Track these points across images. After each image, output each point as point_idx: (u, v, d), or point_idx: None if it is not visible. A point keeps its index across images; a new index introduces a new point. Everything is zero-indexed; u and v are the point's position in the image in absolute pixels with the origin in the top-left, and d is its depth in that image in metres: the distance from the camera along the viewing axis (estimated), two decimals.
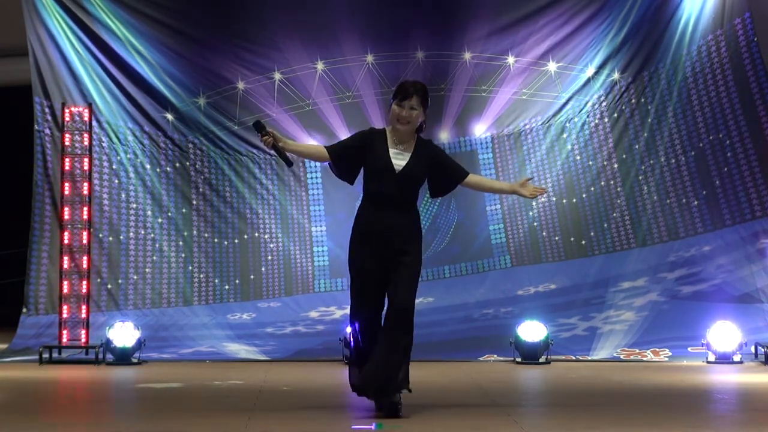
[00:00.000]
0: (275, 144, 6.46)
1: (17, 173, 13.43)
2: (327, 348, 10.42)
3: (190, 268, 11.60)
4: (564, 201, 11.78)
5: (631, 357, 10.27)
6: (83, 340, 10.16)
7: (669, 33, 11.58)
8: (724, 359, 9.84)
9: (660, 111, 11.63)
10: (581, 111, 11.84)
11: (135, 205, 11.55)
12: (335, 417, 6.54)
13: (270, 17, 11.70)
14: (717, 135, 11.33)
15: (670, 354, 10.28)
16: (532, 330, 9.93)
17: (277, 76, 11.81)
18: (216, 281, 11.62)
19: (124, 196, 11.53)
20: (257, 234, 11.78)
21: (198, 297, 11.55)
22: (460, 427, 6.14)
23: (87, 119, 10.48)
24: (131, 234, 11.49)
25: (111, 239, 11.40)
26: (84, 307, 10.23)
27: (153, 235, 11.56)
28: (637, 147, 11.70)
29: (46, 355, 9.97)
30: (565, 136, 11.86)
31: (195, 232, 11.68)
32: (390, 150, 6.49)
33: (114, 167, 11.51)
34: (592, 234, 11.68)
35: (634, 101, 11.73)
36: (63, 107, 10.58)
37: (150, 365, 9.81)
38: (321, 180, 11.82)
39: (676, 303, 10.99)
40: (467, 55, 11.80)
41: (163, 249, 11.57)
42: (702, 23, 11.40)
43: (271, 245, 11.78)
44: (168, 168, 11.70)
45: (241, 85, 11.78)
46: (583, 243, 11.68)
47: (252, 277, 11.69)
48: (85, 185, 10.44)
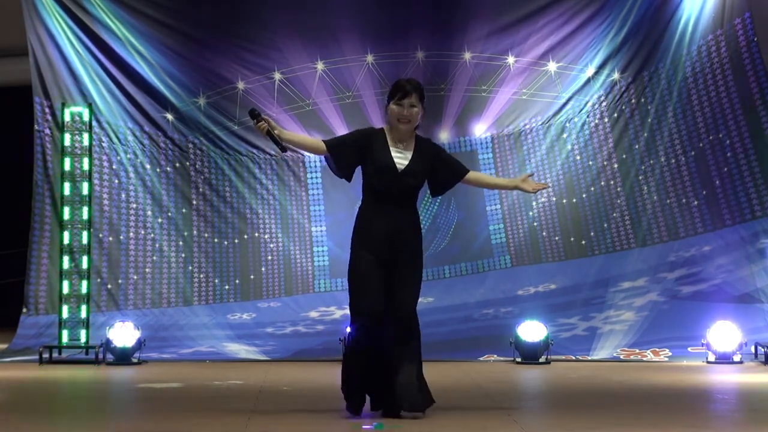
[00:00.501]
0: (269, 130, 6.45)
1: (17, 173, 13.42)
2: (327, 348, 10.42)
3: (190, 268, 11.60)
4: (564, 201, 11.77)
5: (631, 357, 10.26)
6: (83, 340, 10.16)
7: (669, 33, 11.58)
8: (724, 359, 9.84)
9: (660, 111, 11.62)
10: (581, 111, 11.84)
11: (135, 205, 11.55)
12: (335, 417, 6.54)
13: (270, 17, 11.70)
14: (717, 135, 11.33)
15: (670, 354, 10.27)
16: (532, 330, 9.93)
17: (277, 76, 11.81)
18: (216, 281, 11.62)
19: (124, 196, 11.53)
20: (257, 234, 11.78)
21: (198, 297, 11.55)
22: (460, 427, 6.14)
23: (87, 119, 10.48)
24: (131, 234, 11.49)
25: (111, 239, 11.40)
26: (84, 307, 10.23)
27: (153, 235, 11.56)
28: (637, 147, 11.70)
29: (46, 355, 9.97)
30: (565, 136, 11.86)
31: (195, 232, 11.68)
32: (391, 149, 6.49)
33: (114, 167, 11.52)
34: (592, 234, 11.68)
35: (634, 101, 11.73)
36: (63, 107, 10.58)
37: (150, 365, 9.81)
38: (321, 180, 11.82)
39: (676, 303, 10.99)
40: (467, 55, 11.80)
41: (163, 249, 11.56)
42: (702, 23, 11.40)
43: (271, 245, 11.78)
44: (168, 168, 11.70)
45: (241, 85, 11.78)
46: (583, 243, 11.68)
47: (252, 277, 11.69)
48: (85, 185, 10.44)
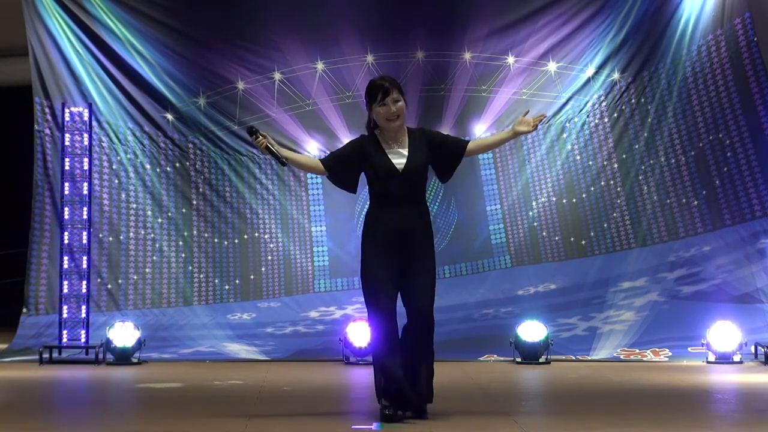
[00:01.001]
0: (268, 146, 6.45)
1: (17, 173, 13.41)
2: (327, 348, 10.42)
3: (190, 268, 11.59)
4: (564, 201, 11.77)
5: (631, 357, 10.26)
6: (83, 340, 10.16)
7: (669, 33, 11.57)
8: (724, 359, 9.84)
9: (660, 111, 11.62)
10: (581, 111, 11.84)
11: (135, 205, 11.54)
12: (335, 417, 6.54)
13: (270, 17, 11.69)
14: (717, 135, 11.33)
15: (670, 354, 10.27)
16: (532, 330, 9.93)
17: (277, 76, 11.81)
18: (216, 281, 11.62)
19: (124, 196, 11.52)
20: (257, 234, 11.78)
21: (198, 297, 11.54)
22: (460, 428, 6.14)
23: (87, 119, 10.47)
24: (131, 234, 11.48)
25: (111, 239, 11.40)
26: (84, 307, 10.23)
27: (153, 235, 11.56)
28: (637, 147, 11.70)
29: (46, 355, 9.97)
30: (565, 136, 11.85)
31: (195, 232, 11.67)
32: (387, 152, 6.45)
33: (114, 167, 11.51)
34: (592, 234, 11.68)
35: (634, 101, 11.73)
36: (63, 107, 10.58)
37: (150, 365, 9.81)
38: (321, 180, 11.80)
39: (676, 303, 10.99)
40: (467, 55, 11.80)
41: (163, 249, 11.56)
42: (702, 23, 11.40)
43: (271, 245, 11.78)
44: (168, 168, 11.70)
45: (241, 85, 11.78)
46: (583, 243, 11.68)
47: (252, 277, 11.68)
48: (85, 185, 10.44)
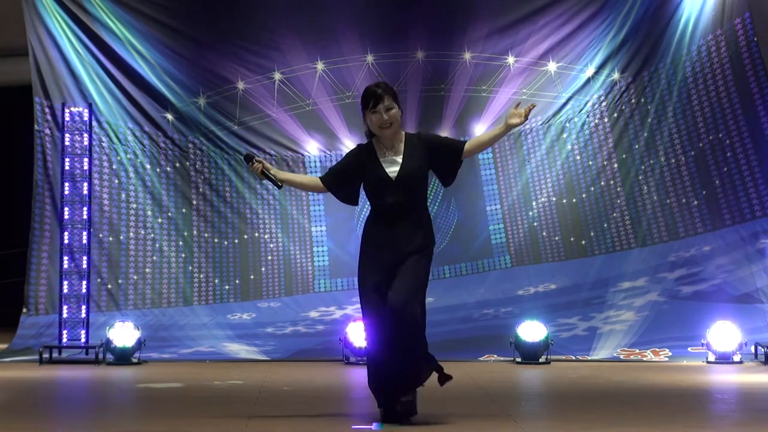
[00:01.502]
0: (263, 171, 6.42)
1: (17, 173, 13.42)
2: (327, 348, 10.43)
3: (190, 268, 11.59)
4: (564, 201, 11.77)
5: (631, 357, 10.27)
6: (83, 340, 10.16)
7: (669, 33, 11.58)
8: (724, 359, 9.84)
9: (660, 111, 11.62)
10: (581, 111, 11.84)
11: (135, 205, 11.54)
12: (335, 417, 6.54)
13: (270, 17, 11.70)
14: (717, 135, 11.33)
15: (670, 354, 10.28)
16: (532, 330, 9.93)
17: (277, 76, 11.81)
18: (216, 281, 11.62)
19: (124, 196, 11.52)
20: (257, 234, 11.78)
21: (198, 297, 11.55)
22: (460, 428, 6.14)
23: (87, 119, 10.48)
24: (131, 234, 11.49)
25: (111, 239, 11.40)
26: (84, 307, 10.23)
27: (153, 235, 11.56)
28: (637, 147, 11.70)
29: (46, 355, 9.97)
30: (565, 136, 11.85)
31: (195, 232, 11.67)
32: (381, 160, 6.35)
33: (114, 167, 11.51)
34: (592, 234, 11.68)
35: (634, 101, 11.73)
36: (63, 107, 10.58)
37: (150, 365, 9.81)
38: None
39: (676, 303, 10.99)
40: (467, 55, 11.80)
41: (163, 249, 11.56)
42: (702, 23, 11.40)
43: (271, 245, 11.78)
44: (168, 168, 11.70)
45: (241, 85, 11.78)
46: (583, 243, 11.68)
47: (252, 277, 11.69)
48: (85, 185, 10.44)
